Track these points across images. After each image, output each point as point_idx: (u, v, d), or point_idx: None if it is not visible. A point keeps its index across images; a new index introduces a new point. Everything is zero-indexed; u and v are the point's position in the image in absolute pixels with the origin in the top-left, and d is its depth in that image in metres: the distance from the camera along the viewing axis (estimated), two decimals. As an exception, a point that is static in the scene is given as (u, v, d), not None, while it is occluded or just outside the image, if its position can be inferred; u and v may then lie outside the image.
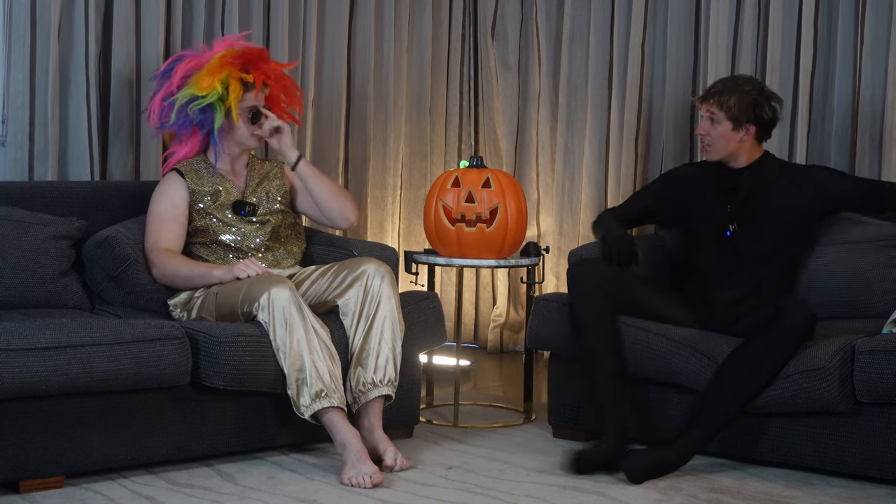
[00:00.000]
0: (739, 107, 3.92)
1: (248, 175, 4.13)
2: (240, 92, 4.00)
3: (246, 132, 4.06)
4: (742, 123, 3.94)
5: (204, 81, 3.98)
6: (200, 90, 3.99)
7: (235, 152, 4.11)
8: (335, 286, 3.85)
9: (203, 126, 4.04)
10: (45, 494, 3.35)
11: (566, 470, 3.67)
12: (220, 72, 3.99)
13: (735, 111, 3.93)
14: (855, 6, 4.55)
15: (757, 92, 3.97)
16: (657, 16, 5.10)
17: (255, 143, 4.10)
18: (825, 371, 3.52)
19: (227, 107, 4.00)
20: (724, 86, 3.98)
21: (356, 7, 5.21)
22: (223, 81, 3.98)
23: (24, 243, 3.86)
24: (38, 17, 4.24)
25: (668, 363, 3.76)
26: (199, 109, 4.01)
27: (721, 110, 3.94)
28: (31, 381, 3.24)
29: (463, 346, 5.66)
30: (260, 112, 4.05)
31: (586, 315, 3.78)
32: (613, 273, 3.91)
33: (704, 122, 3.98)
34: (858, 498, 3.50)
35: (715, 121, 3.96)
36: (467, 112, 5.69)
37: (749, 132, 3.96)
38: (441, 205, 4.34)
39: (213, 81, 3.98)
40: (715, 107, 3.95)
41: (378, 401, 3.76)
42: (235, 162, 4.12)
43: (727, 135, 3.96)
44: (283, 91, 4.22)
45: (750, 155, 4.01)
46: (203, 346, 3.55)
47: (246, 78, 4.01)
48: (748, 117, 3.94)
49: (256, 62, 4.06)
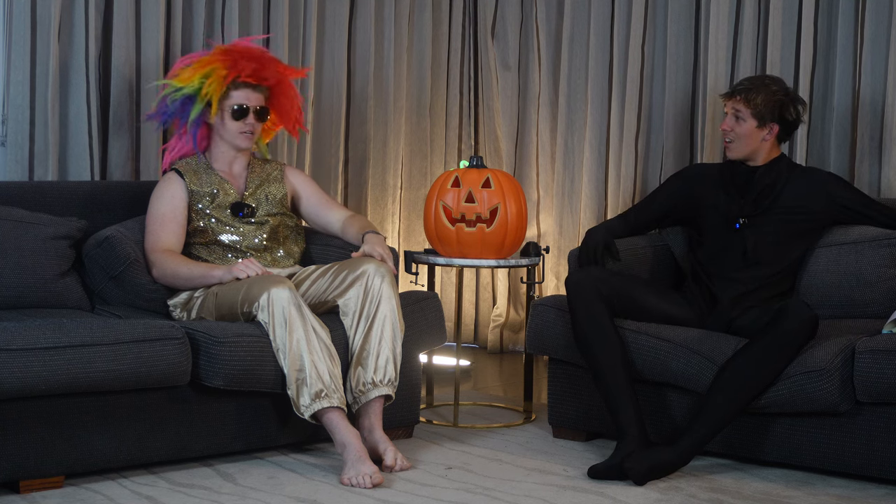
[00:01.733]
0: (766, 105, 3.97)
1: (249, 177, 4.13)
2: (219, 87, 3.99)
3: (233, 130, 4.05)
4: (766, 122, 3.98)
5: (185, 73, 4.02)
6: (180, 81, 4.03)
7: (230, 153, 4.10)
8: (335, 286, 3.85)
9: (184, 118, 4.05)
10: (45, 494, 3.35)
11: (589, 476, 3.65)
12: (205, 67, 4.00)
13: (761, 109, 3.97)
14: (855, 6, 4.55)
15: (783, 93, 4.01)
16: (657, 16, 5.10)
17: (244, 143, 4.07)
18: (827, 372, 3.52)
19: (204, 101, 4.00)
20: (752, 84, 4.02)
21: (356, 7, 5.21)
22: (205, 76, 3.99)
23: (23, 243, 3.86)
24: (38, 18, 4.24)
25: (667, 365, 3.76)
26: (179, 101, 4.03)
27: (748, 107, 3.97)
28: (31, 381, 3.24)
29: (463, 346, 5.66)
30: (246, 109, 4.03)
31: (586, 322, 3.77)
32: (609, 275, 3.91)
33: (729, 118, 4.02)
34: (858, 498, 3.50)
35: (740, 118, 3.99)
36: (467, 112, 5.70)
37: (772, 132, 4.00)
38: (441, 205, 4.34)
39: (194, 75, 4.00)
40: (741, 104, 3.98)
41: (378, 401, 3.76)
42: (234, 163, 4.12)
43: (751, 132, 3.99)
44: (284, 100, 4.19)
45: (768, 155, 4.04)
46: (203, 346, 3.55)
47: (229, 74, 3.99)
48: (773, 116, 3.98)
49: (254, 62, 4.05)
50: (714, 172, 4.16)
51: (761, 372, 3.57)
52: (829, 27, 4.65)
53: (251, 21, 4.82)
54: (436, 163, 5.60)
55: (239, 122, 4.04)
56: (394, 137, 5.37)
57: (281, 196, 4.14)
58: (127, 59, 4.47)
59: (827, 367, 3.52)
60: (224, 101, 4.02)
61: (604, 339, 3.75)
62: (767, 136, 4.01)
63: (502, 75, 5.60)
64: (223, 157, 4.10)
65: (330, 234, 4.22)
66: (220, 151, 4.10)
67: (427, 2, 5.46)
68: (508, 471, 3.72)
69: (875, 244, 4.02)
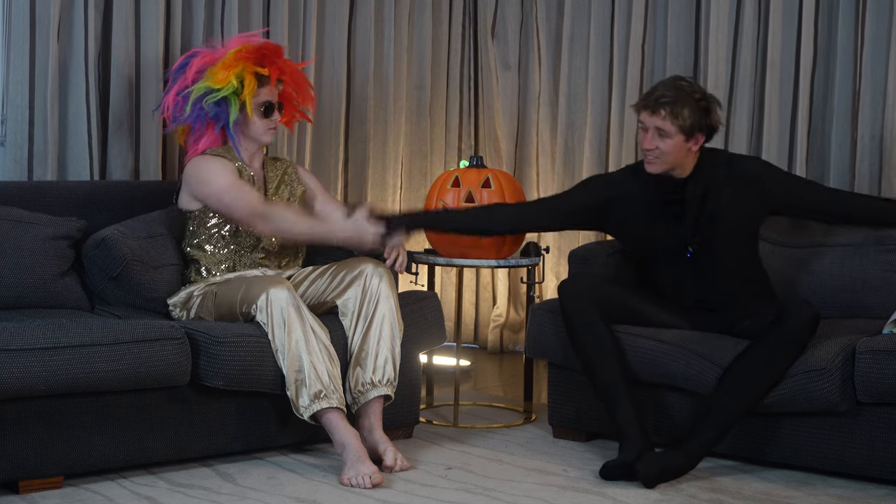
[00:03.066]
0: (692, 117, 3.67)
1: (266, 176, 4.12)
2: (254, 86, 4.00)
3: (260, 127, 4.05)
4: (694, 134, 3.70)
5: (220, 75, 3.98)
6: (216, 83, 3.98)
7: (251, 149, 4.09)
8: (334, 286, 3.85)
9: (219, 120, 4.03)
10: (45, 495, 3.34)
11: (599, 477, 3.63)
12: (235, 66, 3.98)
13: (688, 123, 3.67)
14: (855, 6, 4.55)
15: (704, 99, 3.72)
16: (657, 16, 5.10)
17: (268, 139, 4.08)
18: (827, 371, 3.52)
19: (241, 101, 4.00)
20: (673, 95, 3.68)
21: (356, 7, 5.20)
22: (238, 75, 3.98)
23: (23, 243, 3.86)
24: (37, 17, 4.24)
25: (666, 367, 3.76)
26: (213, 103, 4.01)
27: (674, 124, 3.67)
28: (31, 381, 3.24)
29: (463, 346, 5.66)
30: (273, 105, 4.04)
31: (580, 329, 3.75)
32: (601, 282, 3.90)
33: (651, 135, 3.69)
34: (858, 498, 3.49)
35: (664, 135, 3.68)
36: (467, 112, 5.69)
37: (698, 142, 3.73)
38: (441, 205, 4.33)
39: (229, 75, 3.97)
40: (667, 120, 3.66)
41: (377, 401, 3.76)
42: (252, 160, 4.11)
43: (678, 146, 3.70)
44: (296, 88, 4.21)
45: (692, 162, 3.78)
46: (203, 346, 3.55)
47: (261, 72, 4.00)
48: (700, 127, 3.70)
49: (271, 57, 4.06)
50: (632, 187, 3.87)
51: (767, 371, 3.56)
52: (830, 27, 4.64)
53: (251, 20, 4.82)
54: (436, 163, 5.60)
55: (267, 119, 4.04)
56: (394, 137, 5.37)
57: (300, 194, 4.14)
58: (127, 59, 4.47)
59: (827, 366, 3.52)
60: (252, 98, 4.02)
61: (598, 341, 3.73)
62: (694, 146, 3.72)
63: (502, 75, 5.60)
64: (245, 155, 4.09)
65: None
66: (242, 149, 4.08)
67: (427, 2, 5.45)
68: (508, 471, 3.72)
69: (881, 248, 4.01)
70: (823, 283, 4.05)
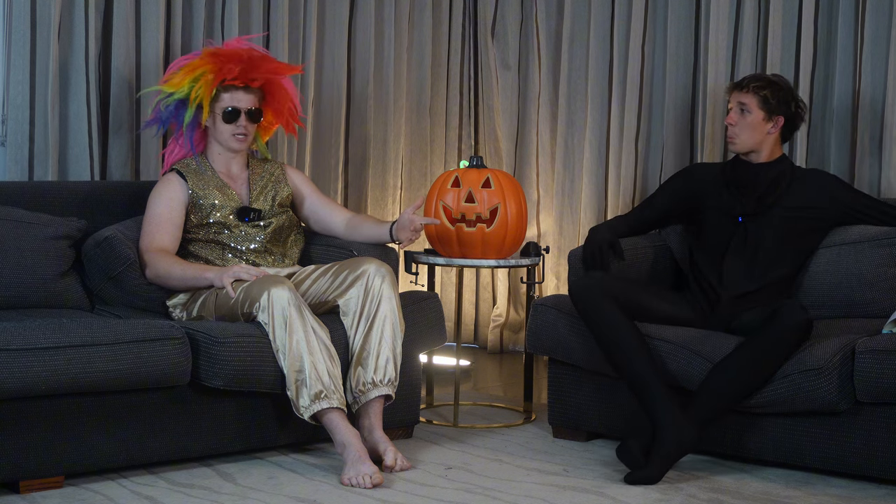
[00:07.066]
0: (773, 97, 4.00)
1: (251, 178, 4.13)
2: (208, 91, 4.00)
3: (225, 132, 4.05)
4: (773, 114, 4.01)
5: (175, 78, 4.04)
6: (169, 87, 4.05)
7: (226, 154, 4.11)
8: (335, 286, 3.85)
9: (178, 122, 4.06)
10: (45, 495, 3.35)
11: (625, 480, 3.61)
12: (194, 71, 4.01)
13: (769, 100, 3.99)
14: (855, 6, 4.55)
15: (788, 88, 4.06)
16: (657, 16, 5.10)
17: (236, 145, 4.06)
18: (825, 371, 3.52)
19: (195, 105, 4.00)
20: (757, 78, 4.06)
21: (356, 7, 5.21)
22: (194, 80, 4.00)
23: (23, 243, 3.86)
24: (37, 17, 4.24)
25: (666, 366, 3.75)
26: (172, 106, 4.05)
27: (755, 98, 3.99)
28: (31, 381, 3.24)
29: (463, 346, 5.66)
30: (237, 111, 4.03)
31: (604, 325, 3.74)
32: (611, 279, 3.91)
33: (734, 111, 4.03)
34: (858, 498, 3.50)
35: (745, 110, 4.01)
36: (467, 112, 5.69)
37: (777, 125, 4.02)
38: (441, 205, 4.34)
39: (184, 79, 4.02)
40: (749, 95, 4.00)
41: (378, 401, 3.76)
42: (231, 164, 4.12)
43: (756, 125, 4.01)
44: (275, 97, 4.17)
45: (771, 152, 4.06)
46: (203, 346, 3.55)
47: (219, 78, 4.00)
48: (780, 109, 4.01)
49: (248, 64, 4.05)
50: (716, 171, 4.16)
51: (751, 373, 3.57)
52: (829, 27, 4.65)
53: (251, 21, 4.82)
54: (436, 163, 5.60)
55: (231, 124, 4.04)
56: (394, 137, 5.37)
57: (286, 196, 4.14)
58: (127, 60, 4.47)
59: (825, 365, 3.52)
60: (215, 103, 4.03)
61: (626, 335, 3.71)
62: (773, 129, 4.02)
63: (502, 75, 5.60)
64: (220, 159, 4.11)
65: (331, 235, 4.22)
66: (216, 153, 4.11)
67: (427, 2, 5.46)
68: (508, 471, 3.72)
69: (875, 244, 4.02)
70: (820, 281, 4.05)
